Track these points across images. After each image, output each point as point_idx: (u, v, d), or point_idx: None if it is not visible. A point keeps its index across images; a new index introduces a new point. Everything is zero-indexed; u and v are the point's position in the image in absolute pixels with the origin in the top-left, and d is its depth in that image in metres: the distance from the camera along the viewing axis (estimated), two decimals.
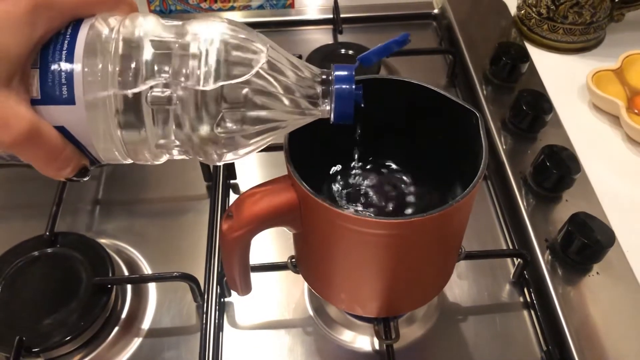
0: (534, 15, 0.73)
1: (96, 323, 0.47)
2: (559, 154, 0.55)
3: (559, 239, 0.51)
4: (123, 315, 0.50)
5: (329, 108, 0.33)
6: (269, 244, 0.55)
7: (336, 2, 0.78)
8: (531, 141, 0.60)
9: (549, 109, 0.60)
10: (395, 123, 0.44)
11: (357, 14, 0.80)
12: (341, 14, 0.77)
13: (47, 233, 0.52)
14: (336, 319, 0.50)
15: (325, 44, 0.74)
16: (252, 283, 0.45)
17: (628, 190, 0.58)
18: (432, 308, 0.51)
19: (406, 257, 0.39)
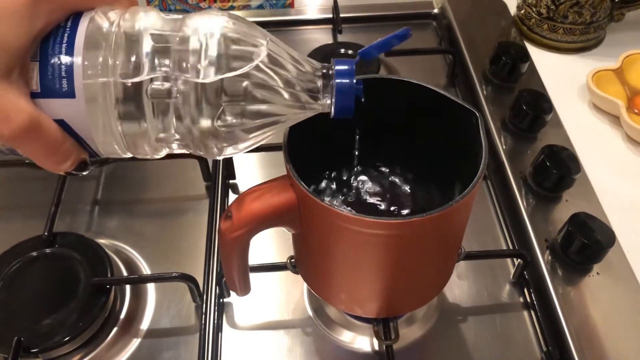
0: (534, 15, 0.73)
1: (95, 323, 0.47)
2: (559, 154, 0.55)
3: (559, 239, 0.50)
4: (122, 315, 0.50)
5: (330, 102, 0.33)
6: (268, 244, 0.54)
7: (336, 2, 0.78)
8: (531, 141, 0.60)
9: (549, 109, 0.60)
10: (395, 123, 0.44)
11: (357, 14, 0.80)
12: (341, 14, 0.77)
13: (46, 233, 0.52)
14: (335, 320, 0.49)
15: (324, 44, 0.74)
16: (251, 283, 0.45)
17: (628, 190, 0.58)
18: (432, 308, 0.50)
19: (406, 258, 0.38)
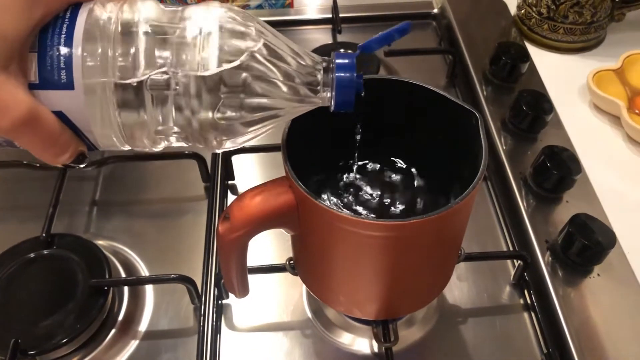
0: (534, 14, 0.73)
1: (93, 325, 0.47)
2: (560, 155, 0.55)
3: (560, 241, 0.50)
4: (120, 317, 0.50)
5: (329, 96, 0.33)
6: (267, 246, 0.54)
7: (335, 2, 0.78)
8: (531, 142, 0.60)
9: (549, 109, 0.60)
10: (394, 123, 0.44)
11: (356, 14, 0.79)
12: (340, 14, 0.77)
13: (44, 234, 0.52)
14: (335, 322, 0.49)
15: (324, 44, 0.73)
16: (250, 285, 0.45)
17: (629, 191, 0.58)
18: (432, 310, 0.50)
19: (405, 260, 0.38)
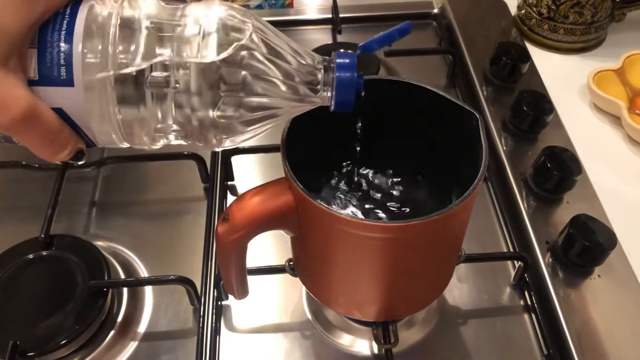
0: (535, 15, 0.73)
1: (92, 327, 0.47)
2: (560, 155, 0.55)
3: (560, 242, 0.50)
4: (119, 318, 0.49)
5: (330, 95, 0.33)
6: (267, 247, 0.54)
7: (335, 2, 0.78)
8: (532, 142, 0.60)
9: (550, 110, 0.60)
10: (394, 124, 0.44)
11: (356, 14, 0.79)
12: (340, 14, 0.77)
13: (43, 235, 0.52)
14: (334, 323, 0.49)
15: (324, 44, 0.73)
16: (250, 286, 0.44)
17: (630, 191, 0.58)
18: (432, 311, 0.50)
19: (405, 261, 0.38)
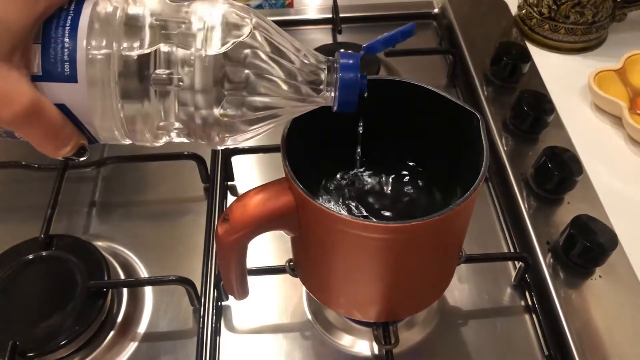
0: (535, 14, 0.73)
1: (91, 327, 0.47)
2: (561, 156, 0.55)
3: (561, 242, 0.50)
4: (119, 319, 0.49)
5: (333, 95, 0.33)
6: (267, 247, 0.54)
7: (335, 2, 0.78)
8: (532, 142, 0.60)
9: (551, 110, 0.60)
10: (394, 124, 0.44)
11: (357, 14, 0.79)
12: (340, 14, 0.76)
13: (42, 236, 0.52)
14: (335, 323, 0.49)
15: (324, 44, 0.73)
16: (250, 287, 0.44)
17: (631, 192, 0.58)
18: (432, 312, 0.50)
19: (406, 262, 0.38)
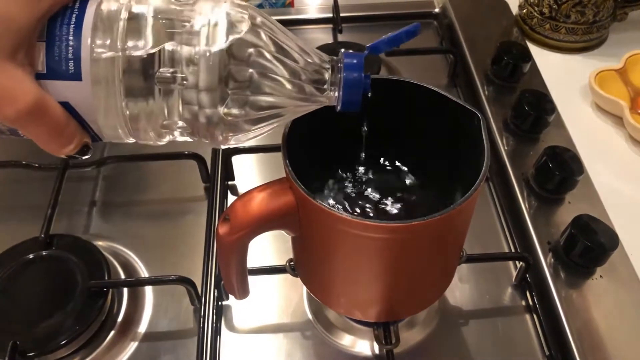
0: (536, 14, 0.73)
1: (92, 327, 0.47)
2: (562, 155, 0.55)
3: (562, 242, 0.50)
4: (119, 318, 0.49)
5: (336, 95, 0.33)
6: (267, 247, 0.54)
7: (336, 1, 0.78)
8: (533, 142, 0.60)
9: (551, 110, 0.60)
10: (395, 124, 0.44)
11: (357, 13, 0.79)
12: (341, 13, 0.76)
13: (43, 235, 0.52)
14: (335, 323, 0.49)
15: (325, 43, 0.73)
16: (250, 286, 0.44)
17: (632, 191, 0.58)
18: (433, 312, 0.50)
19: (406, 261, 0.38)
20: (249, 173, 0.61)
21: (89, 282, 0.48)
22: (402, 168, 0.47)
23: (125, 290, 0.51)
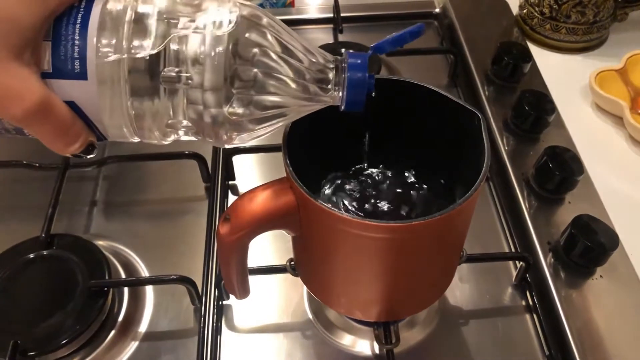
0: (537, 14, 0.73)
1: (92, 326, 0.47)
2: (562, 155, 0.55)
3: (562, 242, 0.50)
4: (120, 318, 0.49)
5: (340, 95, 0.33)
6: (268, 247, 0.54)
7: (336, 1, 0.78)
8: (533, 142, 0.60)
9: (552, 110, 0.60)
10: (395, 124, 0.44)
11: (358, 13, 0.79)
12: (341, 13, 0.76)
13: (43, 235, 0.52)
14: (336, 323, 0.49)
15: (325, 44, 0.73)
16: (251, 286, 0.44)
17: (632, 191, 0.58)
18: (433, 312, 0.50)
19: (407, 261, 0.38)
20: (250, 173, 0.61)
21: (90, 282, 0.48)
22: (402, 168, 0.47)
23: (125, 289, 0.51)
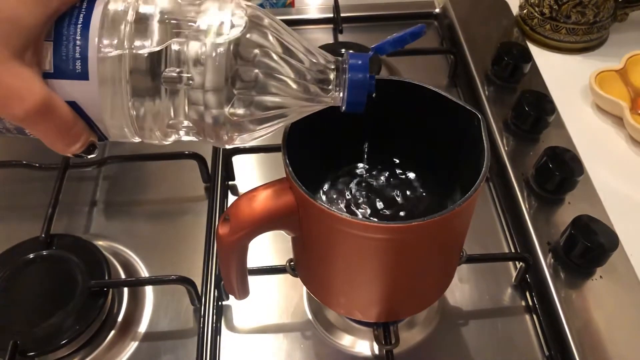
0: (537, 14, 0.73)
1: (92, 326, 0.47)
2: (562, 156, 0.55)
3: (562, 242, 0.50)
4: (119, 318, 0.49)
5: (341, 96, 0.33)
6: (267, 247, 0.54)
7: (336, 2, 0.78)
8: (533, 142, 0.60)
9: (552, 110, 0.60)
10: (395, 124, 0.44)
11: (358, 13, 0.79)
12: (342, 13, 0.76)
13: (43, 235, 0.52)
14: (335, 323, 0.49)
15: (325, 44, 0.73)
16: (250, 286, 0.44)
17: (632, 192, 0.58)
18: (433, 312, 0.50)
19: (406, 262, 0.38)
20: (250, 173, 0.61)
21: (90, 282, 0.48)
22: (402, 168, 0.47)
23: (125, 290, 0.51)
